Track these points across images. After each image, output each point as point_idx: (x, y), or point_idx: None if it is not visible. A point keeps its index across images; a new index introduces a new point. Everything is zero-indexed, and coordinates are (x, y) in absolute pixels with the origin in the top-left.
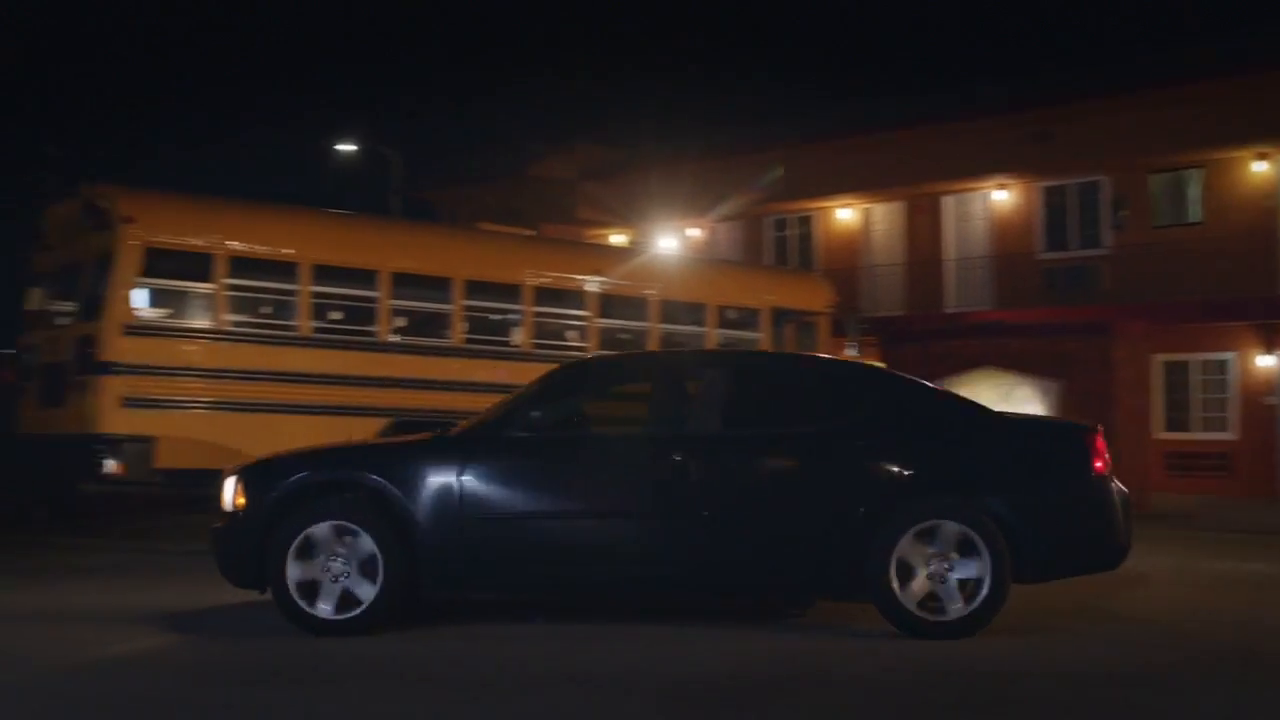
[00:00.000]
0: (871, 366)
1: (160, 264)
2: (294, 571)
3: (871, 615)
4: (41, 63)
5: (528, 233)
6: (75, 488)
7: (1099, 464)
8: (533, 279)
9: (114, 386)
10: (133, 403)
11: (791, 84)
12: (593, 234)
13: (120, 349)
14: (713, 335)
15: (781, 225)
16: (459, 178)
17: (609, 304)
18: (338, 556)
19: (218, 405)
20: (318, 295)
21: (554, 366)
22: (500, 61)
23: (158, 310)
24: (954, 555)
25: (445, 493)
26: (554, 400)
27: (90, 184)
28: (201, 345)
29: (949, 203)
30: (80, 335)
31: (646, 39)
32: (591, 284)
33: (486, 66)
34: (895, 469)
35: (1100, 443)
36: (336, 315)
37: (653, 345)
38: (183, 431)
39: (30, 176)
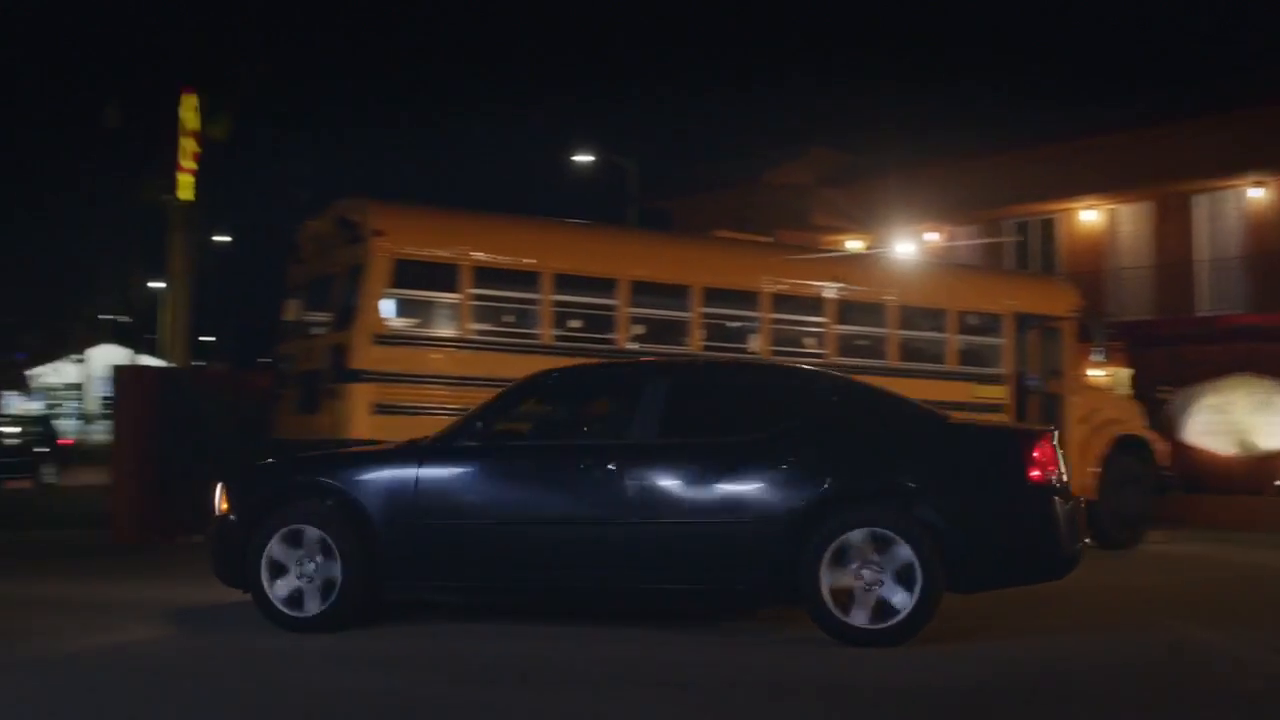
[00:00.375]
0: (816, 371)
1: (408, 275)
2: (266, 573)
3: None
4: (293, 84)
5: (765, 239)
6: None
7: (1035, 472)
8: (770, 286)
9: (365, 394)
10: (382, 409)
11: (1018, 87)
12: (828, 240)
13: (371, 358)
14: (954, 342)
15: (1022, 229)
16: (694, 186)
17: (847, 310)
18: (302, 558)
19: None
20: (558, 304)
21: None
22: (734, 71)
23: (405, 320)
24: (884, 563)
25: (400, 499)
26: (508, 411)
27: (342, 199)
28: (447, 353)
29: (1201, 201)
30: (333, 344)
31: (877, 45)
32: (829, 290)
33: (720, 76)
34: (826, 476)
35: (1040, 450)
36: (576, 323)
37: (893, 352)
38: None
39: (285, 193)
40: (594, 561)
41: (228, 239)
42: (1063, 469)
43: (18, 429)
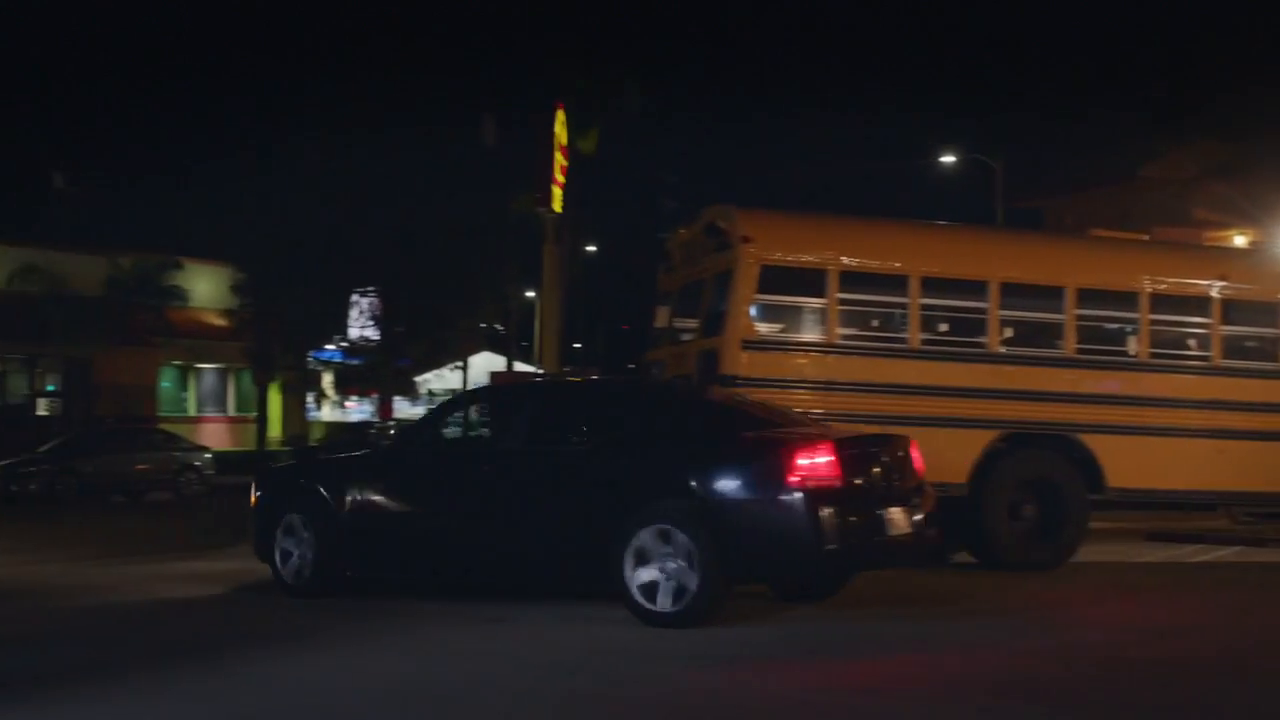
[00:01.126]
0: (667, 385)
1: (776, 281)
2: (277, 550)
3: None
4: (660, 95)
5: (1142, 237)
6: None
7: (794, 478)
8: (1150, 285)
9: None
10: None
11: None
12: (1212, 236)
13: (741, 363)
14: None
15: None
16: (1065, 184)
17: (1233, 310)
18: (294, 540)
19: (829, 417)
20: (925, 307)
21: (1171, 377)
22: (1106, 64)
23: (772, 325)
24: (675, 555)
25: (350, 495)
26: (440, 422)
27: (710, 206)
28: (813, 359)
29: None
30: (703, 350)
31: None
32: (1215, 289)
33: (1091, 70)
34: (632, 478)
35: (802, 458)
36: (944, 327)
37: None
38: None
39: (652, 203)
40: (468, 551)
41: (596, 248)
42: (848, 475)
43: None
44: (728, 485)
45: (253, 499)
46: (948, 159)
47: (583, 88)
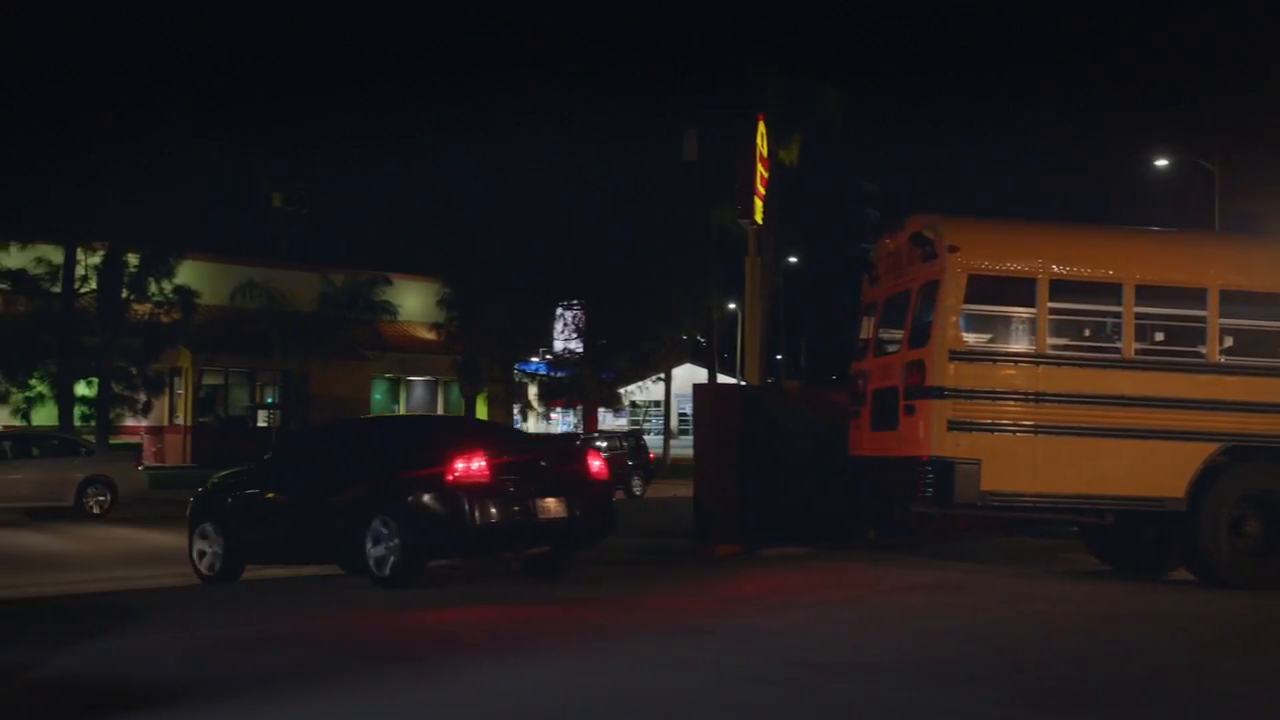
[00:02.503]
0: (407, 418)
1: (983, 290)
2: (194, 550)
3: None
4: (862, 106)
5: None
6: (904, 509)
7: (450, 476)
8: None
9: (942, 411)
10: (958, 426)
11: None
12: None
13: (948, 374)
14: None
15: None
16: None
17: None
18: (208, 542)
19: (1039, 429)
20: (1140, 316)
21: None
22: None
23: (980, 336)
24: (390, 538)
25: (237, 504)
26: (283, 449)
27: (915, 215)
28: (1022, 369)
29: None
30: (909, 361)
31: None
32: None
33: None
34: (371, 484)
35: (459, 463)
36: (1159, 336)
37: None
38: (1006, 455)
39: (855, 212)
40: (287, 537)
41: (798, 259)
42: (498, 476)
43: (606, 444)
44: (418, 486)
45: (189, 512)
46: (1161, 162)
47: (784, 97)
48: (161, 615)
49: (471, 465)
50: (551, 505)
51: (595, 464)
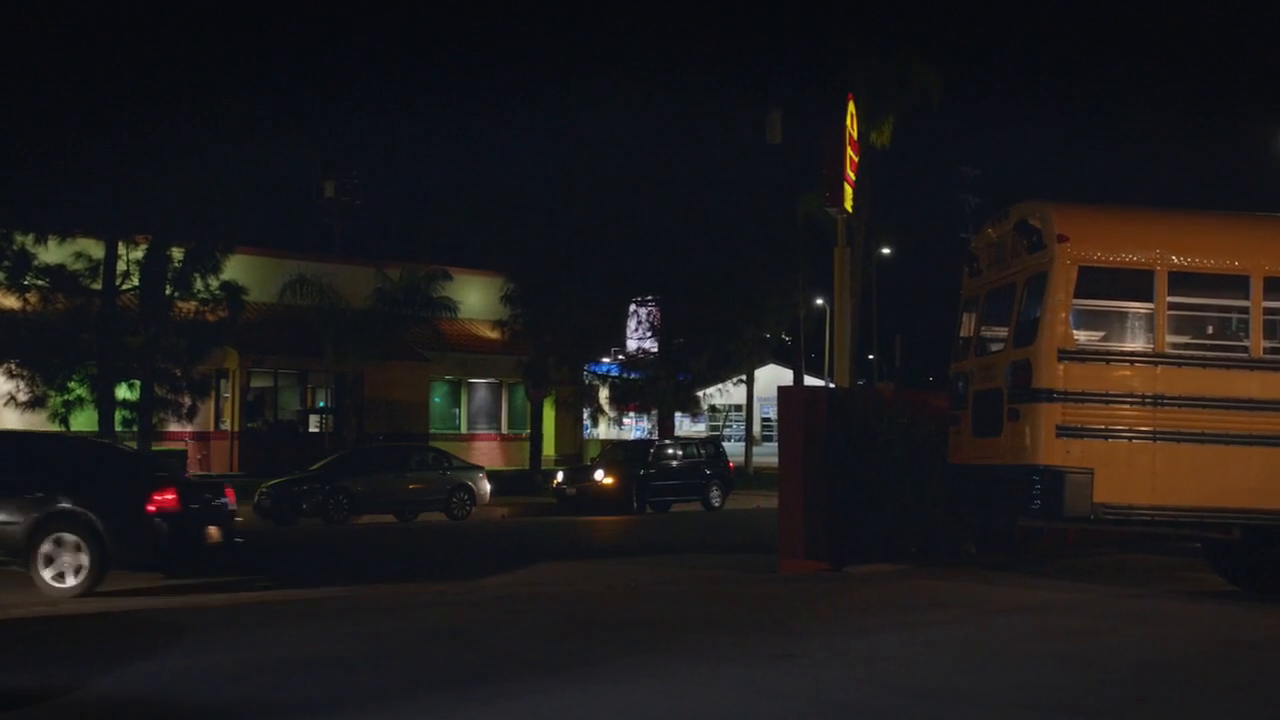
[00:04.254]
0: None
1: (1095, 283)
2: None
3: None
4: (960, 84)
5: None
6: (1010, 522)
7: (150, 506)
8: None
9: (1051, 415)
10: (1069, 432)
11: None
12: None
13: (1057, 375)
14: None
15: None
16: None
17: None
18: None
19: (1157, 435)
20: (1270, 311)
21: None
22: None
23: (1091, 333)
24: (78, 551)
25: None
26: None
27: (1020, 202)
28: (1138, 370)
29: None
30: (1014, 362)
31: None
32: None
33: None
34: (47, 503)
35: (158, 495)
36: None
37: None
38: (1121, 464)
39: (953, 200)
40: None
41: (889, 251)
42: (184, 504)
43: (681, 451)
44: (113, 506)
45: None
46: None
47: (875, 76)
48: (210, 633)
49: (166, 495)
50: (214, 532)
51: (231, 496)
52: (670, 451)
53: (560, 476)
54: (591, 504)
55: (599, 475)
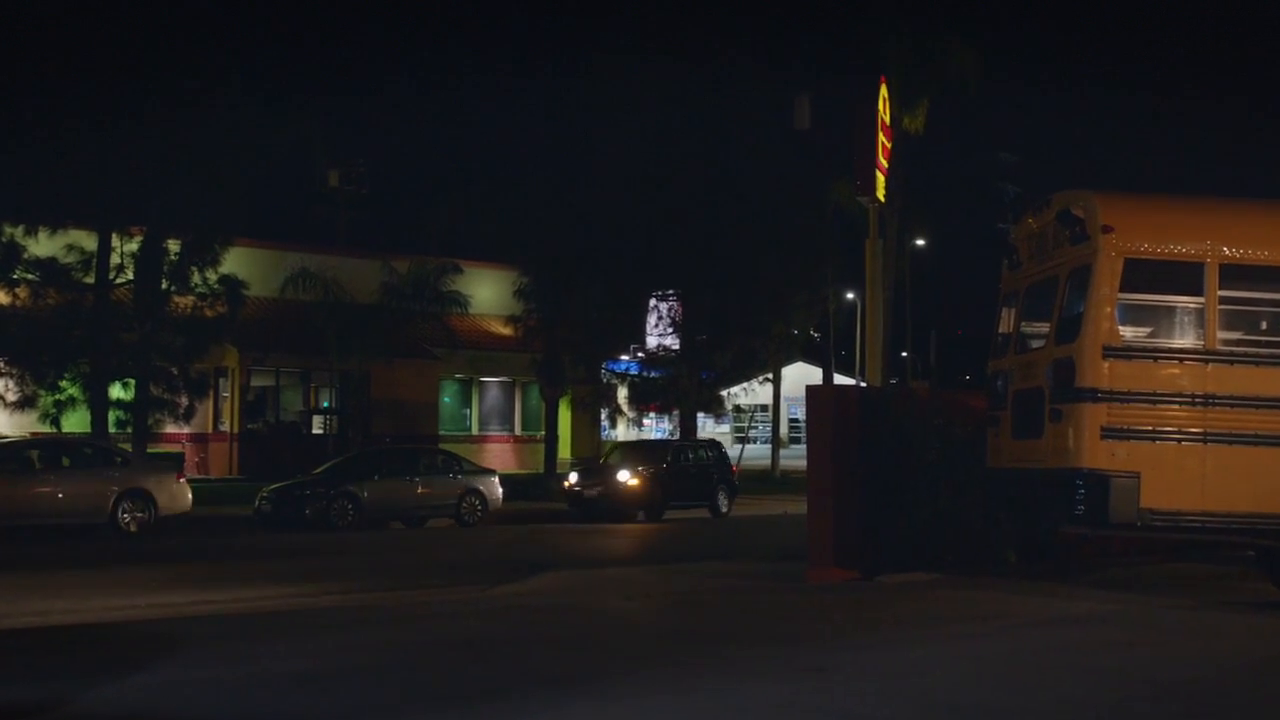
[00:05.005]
0: None
1: (1142, 276)
2: None
3: None
4: (997, 67)
5: None
6: (1052, 529)
7: None
8: None
9: (1095, 416)
10: (1114, 434)
11: None
12: None
13: (1102, 373)
14: None
15: None
16: None
17: None
18: None
19: (1208, 437)
20: None
21: None
22: None
23: (1138, 329)
24: None
25: None
26: None
27: (1062, 191)
28: (1188, 368)
29: None
30: (1056, 359)
31: None
32: None
33: None
34: None
35: None
36: None
37: None
38: (1169, 467)
39: (991, 188)
40: None
41: (923, 243)
42: None
43: (692, 454)
44: None
45: None
46: None
47: (908, 57)
48: (205, 645)
49: None
50: None
51: None
52: (681, 455)
53: (572, 478)
54: (609, 509)
55: (623, 476)
